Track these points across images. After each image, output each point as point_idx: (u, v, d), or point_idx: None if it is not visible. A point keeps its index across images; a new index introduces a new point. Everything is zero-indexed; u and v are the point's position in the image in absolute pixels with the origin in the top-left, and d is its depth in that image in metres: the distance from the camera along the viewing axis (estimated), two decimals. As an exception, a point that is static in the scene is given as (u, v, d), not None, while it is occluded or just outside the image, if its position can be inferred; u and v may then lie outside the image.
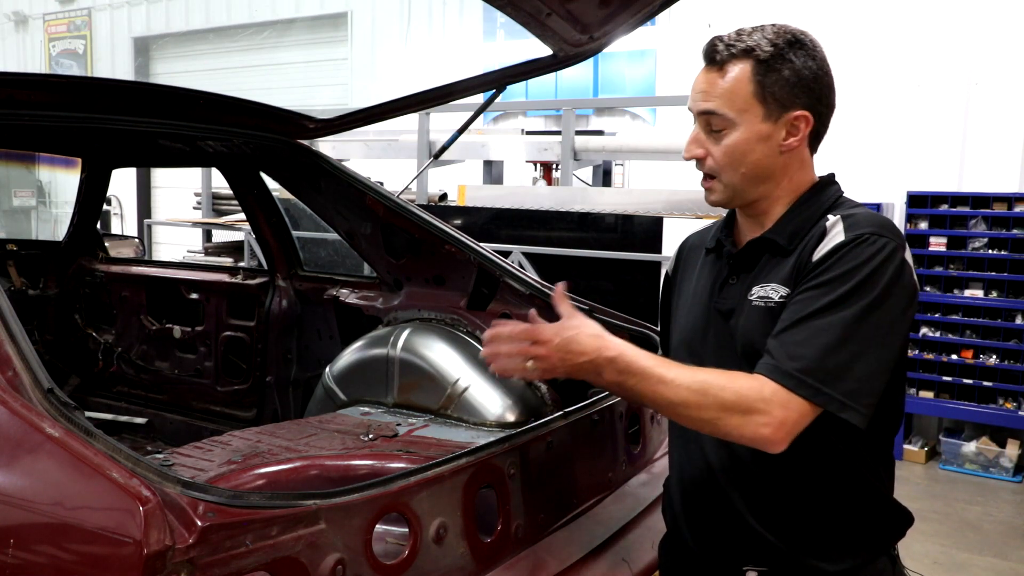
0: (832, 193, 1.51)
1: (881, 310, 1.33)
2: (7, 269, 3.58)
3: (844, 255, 1.36)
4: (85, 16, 12.50)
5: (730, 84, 1.43)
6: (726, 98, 1.43)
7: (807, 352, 1.33)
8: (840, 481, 1.45)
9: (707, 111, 1.45)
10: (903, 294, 1.36)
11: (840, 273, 1.35)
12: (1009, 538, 4.78)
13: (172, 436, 3.38)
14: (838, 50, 6.50)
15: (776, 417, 1.32)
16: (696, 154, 1.49)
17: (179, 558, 1.06)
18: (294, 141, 2.80)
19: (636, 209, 5.39)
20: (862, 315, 1.32)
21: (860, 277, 1.33)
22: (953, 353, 6.08)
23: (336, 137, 4.45)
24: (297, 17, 10.46)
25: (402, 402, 2.44)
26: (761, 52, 1.42)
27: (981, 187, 6.05)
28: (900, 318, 1.36)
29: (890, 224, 1.41)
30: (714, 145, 1.46)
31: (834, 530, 1.46)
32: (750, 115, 1.43)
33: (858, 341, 1.32)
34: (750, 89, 1.43)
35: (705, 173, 1.50)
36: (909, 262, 1.38)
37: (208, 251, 7.66)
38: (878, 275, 1.33)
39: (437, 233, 2.61)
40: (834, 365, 1.32)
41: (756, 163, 1.46)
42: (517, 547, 1.65)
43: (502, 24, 8.78)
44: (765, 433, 1.32)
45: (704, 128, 1.47)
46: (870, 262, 1.34)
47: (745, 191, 1.49)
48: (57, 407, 1.20)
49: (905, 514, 1.52)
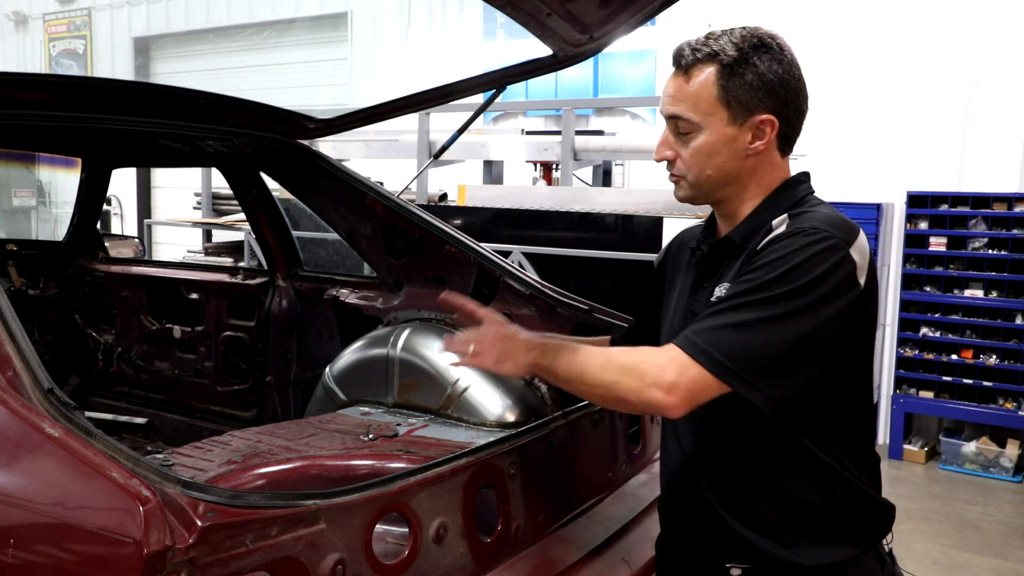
0: (799, 192, 1.52)
1: (803, 299, 1.32)
2: (7, 269, 3.58)
3: (777, 246, 1.38)
4: (85, 16, 12.49)
5: (695, 88, 1.46)
6: (691, 102, 1.46)
7: (716, 325, 1.35)
8: (808, 476, 1.45)
9: (674, 115, 1.48)
10: (836, 289, 1.34)
11: (767, 261, 1.36)
12: (1009, 538, 4.78)
13: (172, 436, 3.38)
14: (839, 50, 6.53)
15: (668, 380, 1.34)
16: (666, 156, 1.53)
17: (179, 558, 1.06)
18: (294, 141, 2.80)
19: (636, 209, 5.38)
20: (780, 300, 1.33)
21: (787, 266, 1.34)
22: (953, 353, 6.08)
23: (336, 137, 4.45)
24: (297, 17, 10.46)
25: (402, 402, 2.44)
26: (725, 56, 1.44)
27: (981, 187, 6.04)
28: (829, 312, 1.34)
29: (841, 222, 1.40)
30: (682, 148, 1.50)
31: (811, 525, 1.45)
32: (715, 119, 1.45)
33: (773, 324, 1.32)
34: (714, 93, 1.45)
35: (673, 173, 1.54)
36: (856, 260, 1.36)
37: (208, 251, 7.66)
38: (807, 265, 1.33)
39: (437, 233, 2.61)
40: (741, 343, 1.33)
41: (721, 166, 1.48)
42: (517, 547, 1.65)
43: (502, 24, 8.78)
44: (657, 396, 1.35)
45: (672, 131, 1.51)
46: (800, 252, 1.34)
47: (711, 191, 1.52)
48: (57, 407, 1.20)
49: (885, 508, 1.52)
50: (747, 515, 1.47)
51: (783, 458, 1.45)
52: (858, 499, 1.48)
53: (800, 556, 1.44)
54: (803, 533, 1.45)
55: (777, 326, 1.32)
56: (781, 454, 1.45)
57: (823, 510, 1.45)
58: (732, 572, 1.49)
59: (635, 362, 1.40)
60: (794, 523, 1.45)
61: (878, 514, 1.51)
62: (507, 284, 2.53)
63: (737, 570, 1.49)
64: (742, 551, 1.48)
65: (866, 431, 1.50)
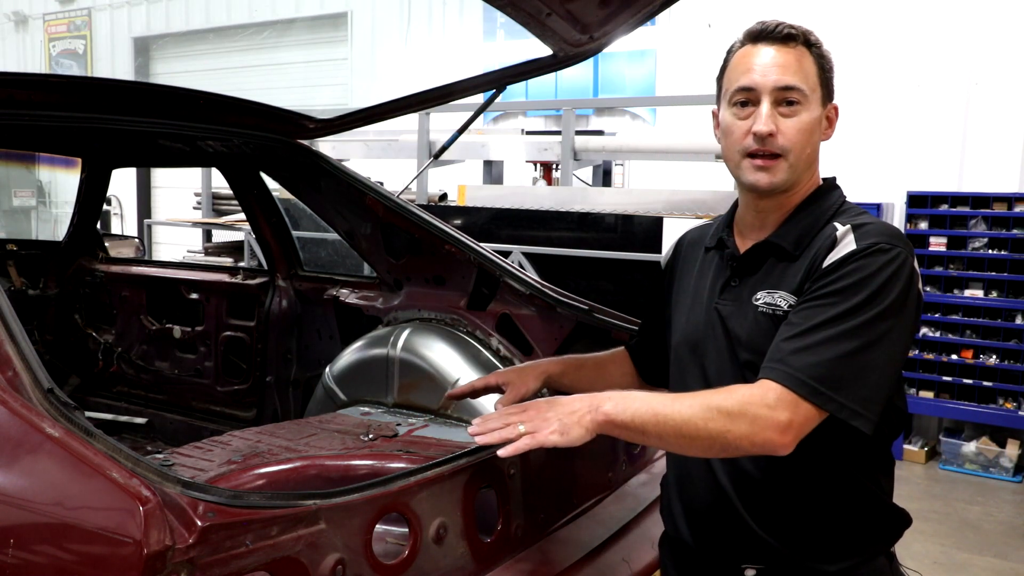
0: (836, 198, 1.51)
1: (894, 319, 1.34)
2: (7, 269, 3.58)
3: (857, 264, 1.36)
4: (85, 16, 12.49)
5: (804, 63, 1.45)
6: (803, 75, 1.44)
7: (818, 358, 1.32)
8: (840, 485, 1.45)
9: (789, 85, 1.42)
10: (914, 303, 1.37)
11: (853, 282, 1.35)
12: (1009, 538, 4.78)
13: (172, 436, 3.38)
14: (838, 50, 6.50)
15: (783, 421, 1.31)
16: (772, 129, 1.42)
17: (179, 558, 1.06)
18: (294, 141, 2.80)
19: (636, 209, 5.38)
20: (874, 323, 1.32)
21: (874, 286, 1.33)
22: (953, 353, 6.08)
23: (336, 137, 4.45)
24: (297, 17, 10.46)
25: (402, 402, 2.44)
26: (815, 41, 1.46)
27: (981, 187, 6.05)
28: (910, 327, 1.38)
29: (899, 233, 1.42)
30: (787, 122, 1.43)
31: (832, 532, 1.46)
32: (816, 96, 1.45)
33: (871, 349, 1.32)
34: (815, 71, 1.45)
35: (770, 153, 1.44)
36: (917, 270, 1.40)
37: (208, 251, 7.66)
38: (891, 284, 1.34)
39: (437, 233, 2.61)
40: (845, 372, 1.31)
41: (815, 146, 1.47)
42: (517, 547, 1.65)
43: (502, 24, 8.78)
44: (773, 437, 1.31)
45: (776, 104, 1.43)
46: (883, 271, 1.34)
47: (799, 176, 1.48)
48: (57, 407, 1.20)
49: (903, 516, 1.53)
50: (774, 521, 1.47)
51: (813, 466, 1.44)
52: (882, 509, 1.49)
53: (819, 561, 1.45)
54: (826, 539, 1.45)
55: (875, 351, 1.32)
56: (811, 462, 1.44)
57: (851, 519, 1.46)
58: (747, 573, 1.49)
59: (740, 405, 1.33)
60: (820, 530, 1.45)
61: (896, 522, 1.52)
62: (507, 284, 2.53)
63: (751, 571, 1.49)
64: (760, 553, 1.48)
65: (889, 436, 1.50)
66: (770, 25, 1.46)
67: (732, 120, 1.47)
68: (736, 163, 1.48)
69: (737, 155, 1.47)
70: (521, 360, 2.47)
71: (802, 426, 1.33)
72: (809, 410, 1.32)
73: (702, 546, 1.57)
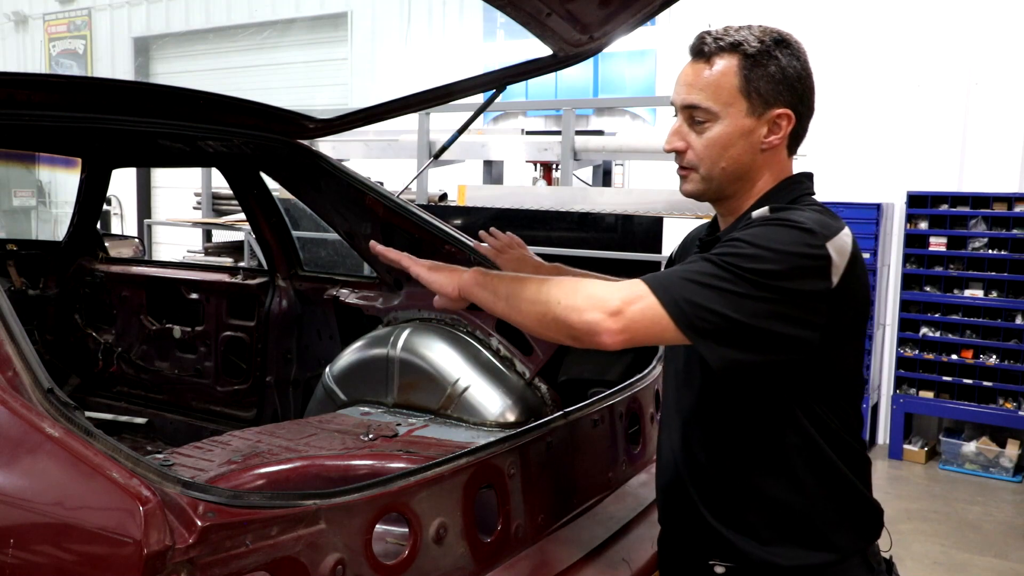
0: (796, 191, 1.49)
1: (769, 281, 1.29)
2: (7, 269, 3.58)
3: (753, 230, 1.36)
4: (85, 16, 12.49)
5: (716, 77, 1.44)
6: (711, 91, 1.44)
7: (680, 275, 1.33)
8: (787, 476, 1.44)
9: (691, 104, 1.46)
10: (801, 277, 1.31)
11: (739, 238, 1.34)
12: (1009, 538, 4.78)
13: (172, 436, 3.38)
14: (838, 50, 6.53)
15: (614, 305, 1.31)
16: (677, 147, 1.49)
17: (179, 558, 1.06)
18: (294, 141, 2.80)
19: (636, 209, 5.38)
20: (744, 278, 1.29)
21: (758, 247, 1.31)
22: (953, 353, 6.08)
23: (336, 137, 4.45)
24: (297, 17, 10.45)
25: (402, 402, 2.44)
26: (749, 47, 1.43)
27: (981, 187, 6.05)
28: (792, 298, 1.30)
29: (824, 220, 1.37)
30: (696, 138, 1.47)
31: (786, 525, 1.45)
32: (734, 109, 1.44)
33: (734, 298, 1.29)
34: (735, 83, 1.43)
35: (683, 166, 1.50)
36: (832, 256, 1.33)
37: (208, 251, 7.66)
38: (776, 249, 1.30)
39: (437, 233, 2.61)
40: (702, 297, 1.29)
41: (736, 158, 1.46)
42: (517, 547, 1.65)
43: (502, 24, 8.78)
44: (597, 318, 1.31)
45: (687, 121, 1.48)
46: (773, 236, 1.32)
47: (721, 186, 1.49)
48: (57, 407, 1.20)
49: (872, 511, 1.50)
50: (727, 513, 1.48)
51: (762, 457, 1.45)
52: (840, 501, 1.46)
53: (777, 555, 1.44)
54: (782, 533, 1.45)
55: (738, 299, 1.29)
56: (761, 453, 1.45)
57: (800, 510, 1.44)
58: (716, 570, 1.50)
59: (583, 283, 1.37)
60: (773, 522, 1.45)
61: (862, 516, 1.49)
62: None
63: (721, 568, 1.49)
64: (723, 549, 1.48)
65: (852, 434, 1.47)
66: (695, 39, 1.48)
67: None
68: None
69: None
70: (521, 360, 2.47)
71: (635, 319, 1.30)
72: (652, 306, 1.30)
73: (672, 541, 1.61)
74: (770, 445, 1.44)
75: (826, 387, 1.43)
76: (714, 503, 1.49)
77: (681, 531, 1.59)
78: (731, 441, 1.48)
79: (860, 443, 1.50)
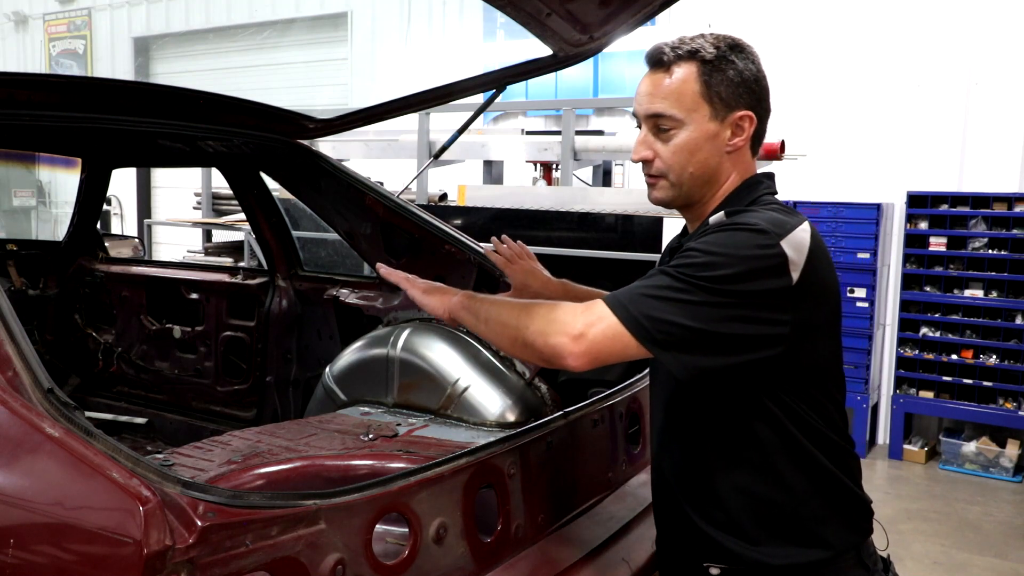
0: (756, 191, 1.51)
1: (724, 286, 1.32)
2: (7, 269, 3.58)
3: (705, 238, 1.39)
4: (85, 16, 12.49)
5: (677, 85, 1.47)
6: (674, 98, 1.47)
7: (637, 291, 1.37)
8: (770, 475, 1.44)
9: (655, 113, 1.48)
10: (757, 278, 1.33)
11: (693, 248, 1.37)
12: (1009, 538, 4.78)
13: (172, 436, 3.38)
14: (838, 50, 6.53)
15: (577, 329, 1.36)
16: (645, 156, 1.51)
17: (179, 558, 1.06)
18: (294, 141, 2.80)
19: (636, 209, 5.38)
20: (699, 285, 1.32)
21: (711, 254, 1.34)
22: (953, 353, 6.08)
23: (336, 137, 4.45)
24: (297, 17, 10.46)
25: (402, 402, 2.44)
26: (706, 54, 1.46)
27: (981, 187, 6.05)
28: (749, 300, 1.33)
29: (778, 219, 1.39)
30: (662, 146, 1.49)
31: (774, 524, 1.45)
32: (698, 114, 1.46)
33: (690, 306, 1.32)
34: (696, 89, 1.46)
35: (652, 174, 1.52)
36: (788, 254, 1.35)
37: (208, 251, 7.67)
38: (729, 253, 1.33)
39: (437, 233, 2.61)
40: (659, 310, 1.33)
41: (704, 162, 1.49)
42: (517, 547, 1.65)
43: (502, 24, 8.78)
44: (562, 341, 1.37)
45: (652, 130, 1.50)
46: (725, 242, 1.35)
47: (690, 191, 1.51)
48: (57, 407, 1.20)
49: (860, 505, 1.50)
50: (714, 515, 1.48)
51: (741, 456, 1.45)
52: (826, 496, 1.46)
53: (767, 555, 1.44)
54: (771, 532, 1.45)
55: (695, 308, 1.32)
56: (742, 453, 1.45)
57: (786, 507, 1.44)
58: (711, 572, 1.50)
59: (551, 308, 1.42)
60: (761, 521, 1.45)
61: (851, 511, 1.49)
62: (507, 284, 2.52)
63: (715, 569, 1.50)
64: (715, 551, 1.49)
65: (835, 430, 1.48)
66: (651, 50, 1.51)
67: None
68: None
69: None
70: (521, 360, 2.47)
71: (597, 341, 1.35)
72: (612, 326, 1.35)
73: (673, 545, 1.60)
74: (747, 443, 1.44)
75: (800, 382, 1.43)
76: (701, 505, 1.50)
77: (674, 534, 1.59)
78: (708, 441, 1.48)
79: (845, 439, 1.51)
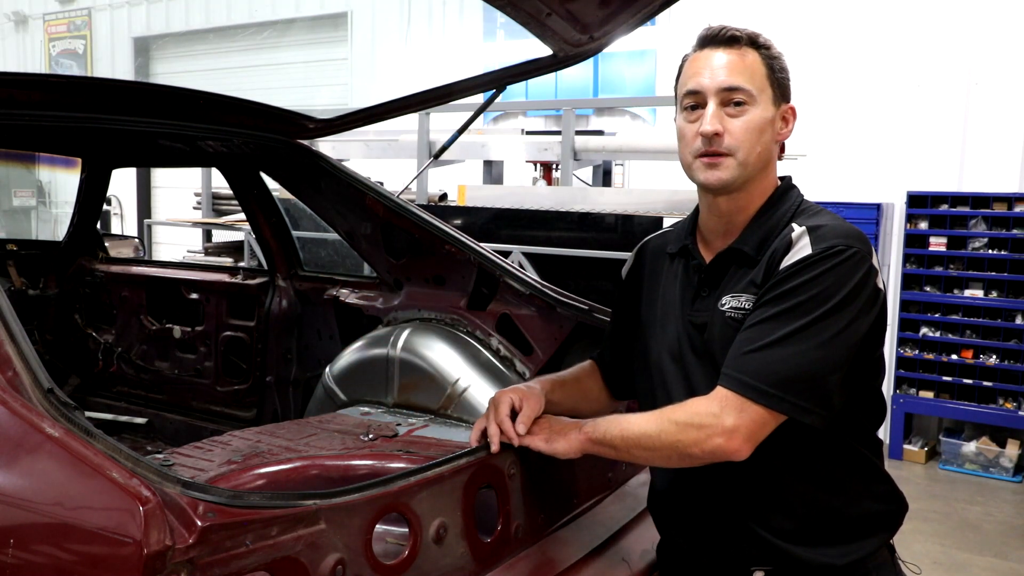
0: (794, 198, 1.53)
1: (842, 318, 1.35)
2: (7, 269, 3.58)
3: (811, 267, 1.38)
4: (85, 16, 12.49)
5: (750, 63, 1.47)
6: (748, 74, 1.47)
7: (766, 360, 1.35)
8: (834, 480, 1.47)
9: (734, 86, 1.46)
10: (868, 298, 1.38)
11: (800, 283, 1.37)
12: (1009, 538, 4.78)
13: (172, 436, 3.38)
14: (839, 50, 6.53)
15: (728, 426, 1.35)
16: (718, 129, 1.45)
17: (179, 558, 1.06)
18: (294, 141, 2.80)
19: (636, 209, 5.38)
20: (823, 322, 1.34)
21: (824, 285, 1.35)
22: (953, 353, 6.08)
23: (336, 137, 4.45)
24: (297, 17, 10.45)
25: (402, 402, 2.44)
26: (763, 42, 1.49)
27: (981, 187, 6.05)
28: (865, 323, 1.38)
29: (855, 232, 1.42)
30: (733, 122, 1.46)
31: (835, 527, 1.46)
32: (765, 96, 1.48)
33: (821, 348, 1.34)
34: (764, 72, 1.48)
35: (719, 151, 1.46)
36: (876, 266, 1.40)
37: (208, 251, 7.66)
38: (843, 282, 1.35)
39: (437, 233, 2.61)
40: (794, 371, 1.33)
41: (767, 145, 1.49)
42: (517, 547, 1.65)
43: (502, 24, 8.77)
44: (721, 443, 1.36)
45: (723, 104, 1.47)
46: (834, 271, 1.36)
47: (752, 174, 1.49)
48: (57, 407, 1.20)
49: (900, 498, 1.54)
50: (777, 522, 1.47)
51: (814, 469, 1.46)
52: (877, 495, 1.50)
53: (830, 556, 1.45)
54: (830, 533, 1.46)
55: (822, 350, 1.34)
56: (807, 461, 1.45)
57: (844, 510, 1.47)
58: (756, 575, 1.50)
59: (689, 415, 1.40)
60: (823, 526, 1.46)
61: (895, 505, 1.53)
62: (507, 284, 2.53)
63: (760, 572, 1.49)
64: (768, 556, 1.48)
65: (878, 425, 1.53)
66: (715, 29, 1.50)
67: (683, 124, 1.51)
68: (689, 164, 1.52)
69: (690, 157, 1.50)
70: (522, 360, 2.47)
71: (752, 430, 1.35)
72: (758, 412, 1.35)
73: (705, 552, 1.57)
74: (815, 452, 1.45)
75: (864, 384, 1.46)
76: (762, 514, 1.48)
77: (713, 541, 1.56)
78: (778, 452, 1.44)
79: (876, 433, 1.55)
